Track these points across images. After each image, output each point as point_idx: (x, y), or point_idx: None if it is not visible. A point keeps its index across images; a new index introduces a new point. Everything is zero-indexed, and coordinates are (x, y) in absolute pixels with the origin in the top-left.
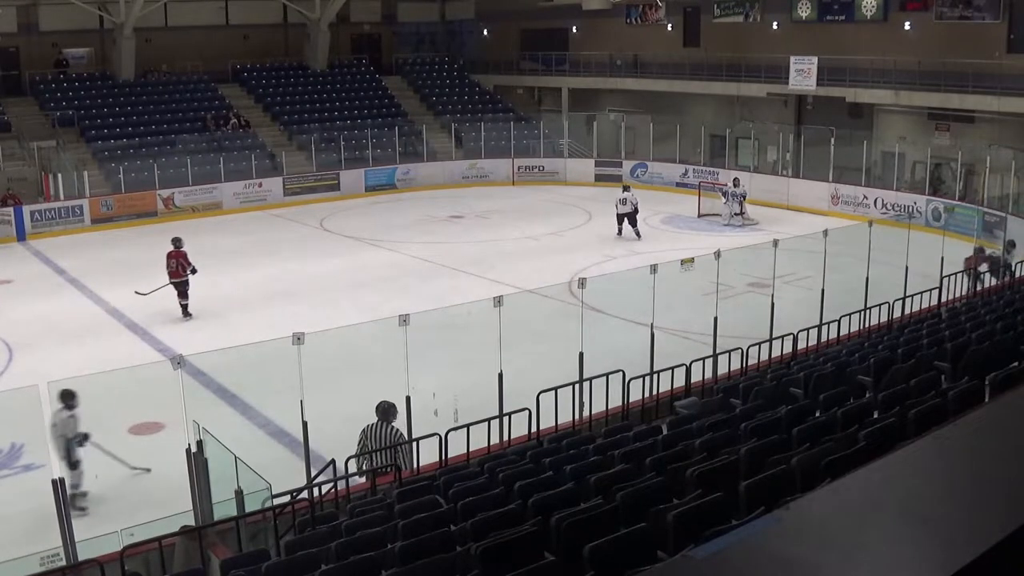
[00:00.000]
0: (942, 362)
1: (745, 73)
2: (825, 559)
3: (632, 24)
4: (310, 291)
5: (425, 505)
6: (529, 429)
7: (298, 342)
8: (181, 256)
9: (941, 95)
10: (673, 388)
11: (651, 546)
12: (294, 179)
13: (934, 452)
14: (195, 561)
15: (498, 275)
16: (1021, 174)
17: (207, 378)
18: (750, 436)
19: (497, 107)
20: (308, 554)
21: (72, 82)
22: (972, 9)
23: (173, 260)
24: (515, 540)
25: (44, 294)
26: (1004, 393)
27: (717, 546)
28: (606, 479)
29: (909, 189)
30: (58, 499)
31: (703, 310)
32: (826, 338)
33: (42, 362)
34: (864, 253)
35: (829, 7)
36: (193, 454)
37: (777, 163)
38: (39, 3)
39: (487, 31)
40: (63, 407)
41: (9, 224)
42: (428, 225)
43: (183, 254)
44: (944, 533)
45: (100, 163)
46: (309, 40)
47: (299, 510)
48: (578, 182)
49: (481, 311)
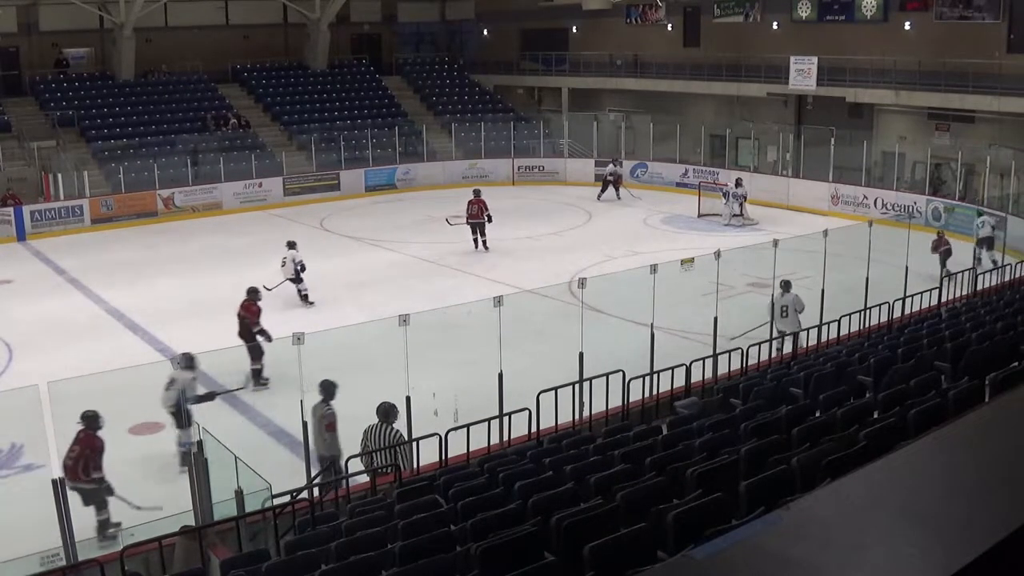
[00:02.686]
0: (942, 362)
1: (745, 73)
2: (825, 559)
3: (632, 24)
4: (310, 291)
5: (425, 505)
6: (529, 429)
7: (298, 342)
8: (481, 203)
9: (941, 95)
10: (673, 388)
11: (651, 546)
12: (294, 179)
13: (934, 452)
14: (195, 561)
15: (498, 275)
16: (1021, 174)
17: (207, 378)
18: (750, 436)
19: (497, 107)
20: (308, 554)
21: (72, 82)
22: (972, 9)
23: (475, 205)
24: (515, 540)
25: (44, 294)
26: (1004, 393)
27: (717, 546)
28: (606, 479)
29: (909, 189)
30: (58, 499)
31: (703, 310)
32: (826, 338)
33: (42, 362)
34: (864, 253)
35: (829, 7)
36: (193, 454)
37: (777, 163)
38: (39, 3)
39: (487, 31)
40: (185, 368)
41: (9, 224)
42: (428, 225)
43: (483, 202)
44: (944, 533)
45: (100, 163)
46: (309, 40)
47: (299, 510)
48: (578, 182)
49: (481, 311)
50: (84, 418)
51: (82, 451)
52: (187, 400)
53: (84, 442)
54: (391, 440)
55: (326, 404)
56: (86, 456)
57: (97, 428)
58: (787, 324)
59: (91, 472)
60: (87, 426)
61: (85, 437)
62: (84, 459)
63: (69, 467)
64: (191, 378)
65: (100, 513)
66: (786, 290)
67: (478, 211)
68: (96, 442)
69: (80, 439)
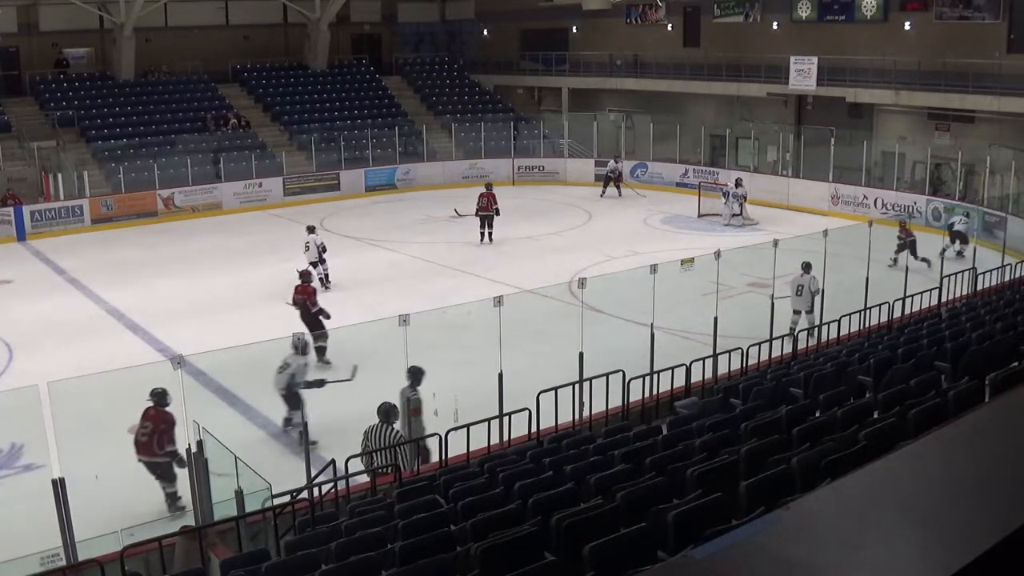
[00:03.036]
0: (942, 362)
1: (745, 73)
2: (825, 559)
3: (632, 24)
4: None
5: (425, 505)
6: (529, 429)
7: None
8: (491, 196)
9: (941, 95)
10: (673, 388)
11: (651, 546)
12: (294, 179)
13: (934, 452)
14: (195, 561)
15: (498, 275)
16: (1021, 174)
17: (207, 378)
18: (750, 436)
19: (497, 107)
20: (308, 554)
21: (72, 82)
22: (972, 9)
23: (485, 198)
24: (515, 540)
25: (44, 294)
26: (1004, 393)
27: (717, 546)
28: (606, 479)
29: (909, 189)
30: (58, 499)
31: (703, 310)
32: (826, 338)
33: (42, 362)
34: (864, 253)
35: (829, 7)
36: (193, 454)
37: (777, 163)
38: (39, 3)
39: (487, 31)
40: (299, 353)
41: (9, 224)
42: (428, 225)
43: (493, 195)
44: (944, 533)
45: (100, 163)
46: (309, 40)
47: (299, 510)
48: (578, 182)
49: (481, 311)
50: (153, 395)
51: (155, 426)
52: (296, 385)
53: (156, 418)
54: (391, 440)
55: (413, 389)
56: (160, 431)
57: (165, 404)
58: (800, 303)
59: (165, 446)
60: (156, 403)
61: (156, 413)
62: (158, 434)
63: (143, 443)
64: (303, 363)
65: (169, 486)
66: (806, 271)
67: (487, 203)
68: (168, 417)
69: (150, 415)
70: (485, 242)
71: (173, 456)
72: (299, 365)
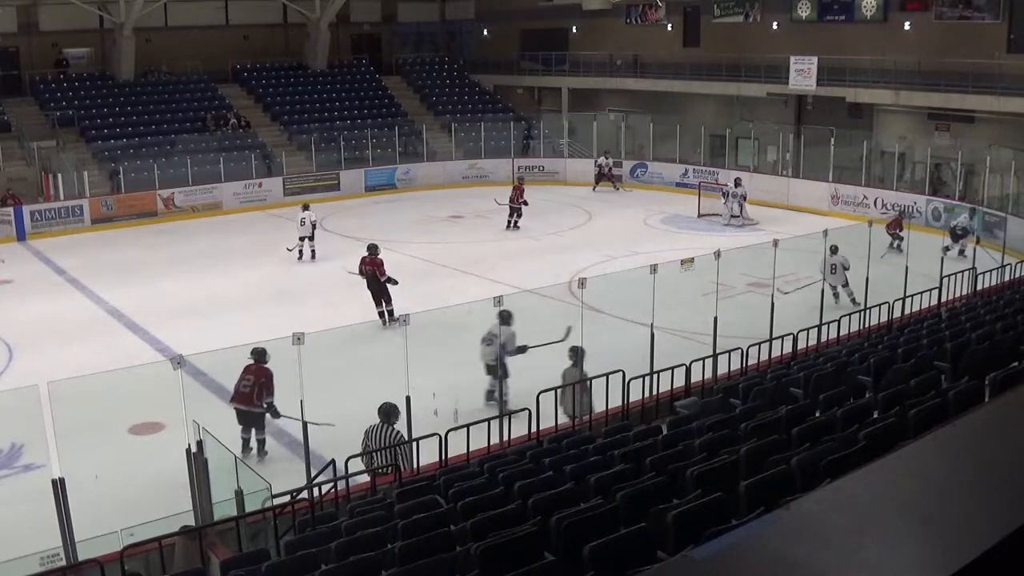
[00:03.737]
0: (942, 362)
1: (745, 73)
2: (825, 559)
3: (632, 24)
4: (310, 291)
5: (425, 505)
6: (529, 429)
7: (298, 342)
8: (520, 190)
9: (941, 95)
10: (673, 388)
11: (651, 546)
12: (294, 179)
13: (934, 452)
14: (195, 561)
15: (498, 275)
16: (1021, 174)
17: (207, 378)
18: (750, 436)
19: (497, 107)
20: (308, 554)
21: (72, 82)
22: (972, 9)
23: (515, 191)
24: (515, 540)
25: (44, 294)
26: (1004, 393)
27: (717, 546)
28: (606, 479)
29: (909, 189)
30: (58, 499)
31: (703, 310)
32: (826, 338)
33: (42, 362)
34: (864, 253)
35: (829, 7)
36: (193, 454)
37: (777, 163)
38: (39, 3)
39: (487, 31)
40: (504, 323)
41: (9, 224)
42: (428, 225)
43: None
44: (944, 533)
45: (100, 163)
46: (309, 40)
47: (299, 510)
48: (578, 182)
49: (481, 311)
50: (254, 352)
51: (257, 379)
52: (506, 352)
53: (257, 372)
54: (391, 440)
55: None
56: (261, 384)
57: (264, 361)
58: (836, 279)
59: (265, 398)
60: (257, 359)
61: (257, 368)
62: (260, 386)
63: (244, 393)
64: (512, 332)
65: (259, 433)
66: (834, 252)
67: (516, 196)
68: (268, 372)
69: (252, 370)
70: (511, 229)
71: (270, 407)
72: (509, 335)
